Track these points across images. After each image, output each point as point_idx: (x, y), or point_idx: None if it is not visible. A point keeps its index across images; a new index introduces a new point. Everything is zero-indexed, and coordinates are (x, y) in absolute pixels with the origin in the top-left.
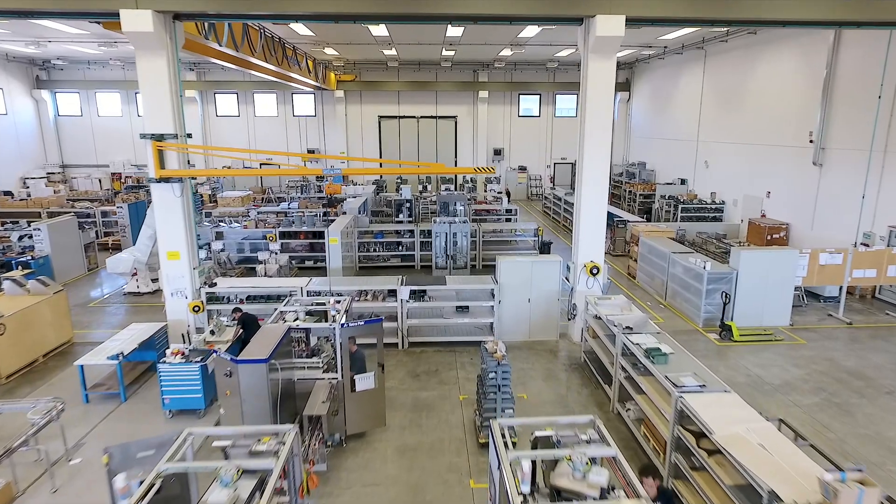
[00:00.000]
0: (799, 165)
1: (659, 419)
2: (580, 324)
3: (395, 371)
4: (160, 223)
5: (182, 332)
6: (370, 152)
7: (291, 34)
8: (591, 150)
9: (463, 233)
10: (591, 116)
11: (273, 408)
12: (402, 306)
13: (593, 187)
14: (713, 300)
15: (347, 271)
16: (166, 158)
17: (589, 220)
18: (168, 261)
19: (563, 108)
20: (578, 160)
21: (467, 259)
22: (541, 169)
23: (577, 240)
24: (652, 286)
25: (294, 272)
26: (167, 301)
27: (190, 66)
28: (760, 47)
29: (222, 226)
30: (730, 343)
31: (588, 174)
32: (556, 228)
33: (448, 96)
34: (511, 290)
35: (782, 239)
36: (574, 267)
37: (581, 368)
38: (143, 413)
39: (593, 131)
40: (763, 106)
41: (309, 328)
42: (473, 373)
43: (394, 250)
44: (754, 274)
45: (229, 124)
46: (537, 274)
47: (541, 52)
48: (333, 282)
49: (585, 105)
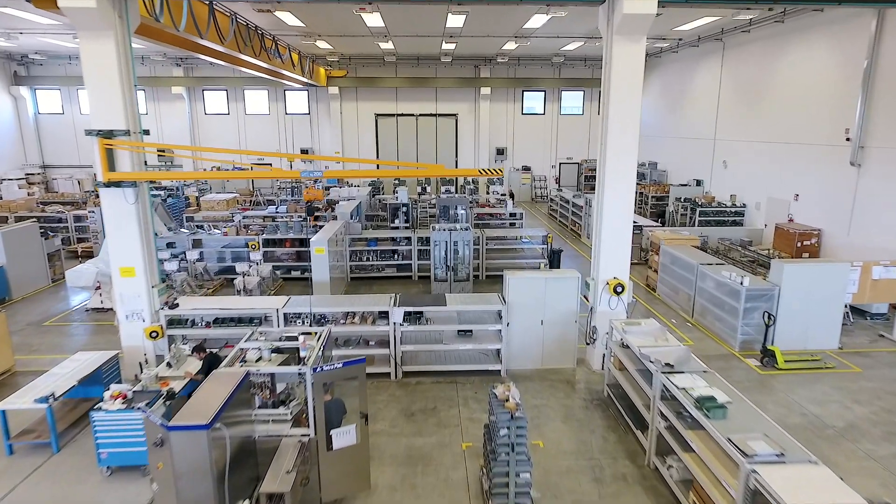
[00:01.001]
0: (833, 166)
1: (717, 489)
2: (601, 349)
3: (385, 410)
4: (111, 235)
5: (140, 361)
6: (366, 152)
7: (280, 25)
8: (616, 149)
9: (465, 241)
10: (616, 111)
11: (218, 485)
12: (395, 330)
13: (618, 193)
14: (751, 320)
15: (337, 283)
16: (117, 159)
17: (612, 230)
18: (121, 278)
19: (568, 106)
20: (600, 162)
21: (470, 270)
22: (545, 169)
23: (597, 252)
24: (676, 301)
25: (279, 285)
26: (121, 325)
27: (176, 61)
28: (787, 37)
29: (200, 232)
30: (774, 371)
31: (612, 178)
32: (564, 233)
33: (448, 93)
34: (521, 310)
35: (814, 246)
36: (594, 284)
37: (604, 405)
38: (78, 469)
39: (618, 128)
40: (790, 101)
41: (273, 373)
42: (478, 411)
43: (389, 259)
44: (799, 290)
45: (219, 122)
46: (552, 292)
47: (546, 45)
48: (316, 301)
49: (609, 98)
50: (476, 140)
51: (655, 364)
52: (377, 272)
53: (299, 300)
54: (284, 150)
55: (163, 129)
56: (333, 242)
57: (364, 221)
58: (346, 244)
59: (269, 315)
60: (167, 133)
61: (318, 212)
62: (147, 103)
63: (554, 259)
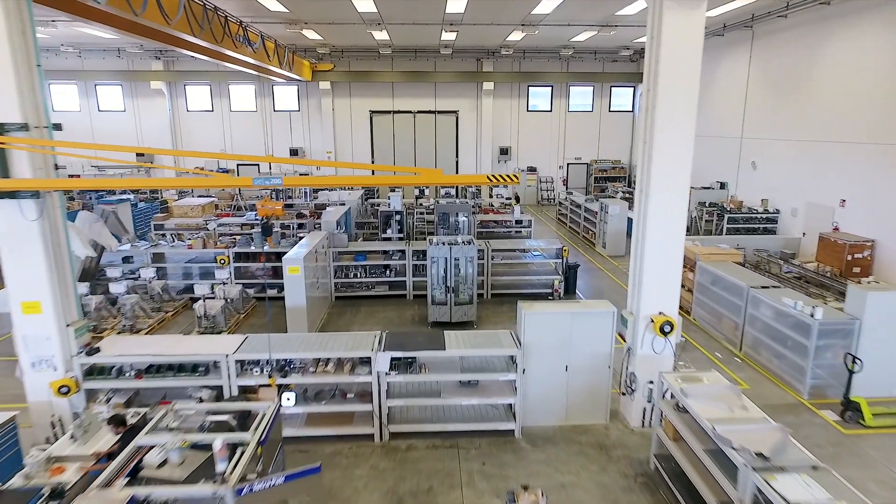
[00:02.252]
0: (887, 167)
1: None
2: (641, 401)
3: (364, 493)
4: (6, 260)
5: (52, 420)
6: (360, 151)
7: (262, 11)
8: (665, 148)
9: (467, 258)
10: (667, 100)
11: None
12: (380, 380)
13: (667, 206)
14: (822, 360)
15: (318, 305)
16: (11, 162)
17: (659, 253)
18: (23, 316)
19: (577, 103)
20: (642, 164)
21: (473, 291)
22: (552, 170)
23: (637, 280)
24: (718, 329)
25: (251, 307)
26: (26, 375)
27: (155, 53)
28: (832, 23)
29: (162, 244)
30: (860, 430)
31: (659, 185)
32: (575, 241)
33: (448, 88)
34: (541, 353)
35: (866, 260)
36: (633, 321)
37: (652, 485)
38: None
39: (669, 122)
40: (834, 95)
41: (175, 498)
42: (487, 493)
43: (380, 275)
44: (885, 324)
45: (202, 120)
46: (580, 330)
47: (555, 35)
48: (278, 343)
49: (656, 83)
50: (478, 139)
51: (742, 454)
52: (366, 290)
53: (257, 341)
54: (272, 151)
55: (142, 127)
56: (313, 258)
57: (354, 230)
58: (331, 258)
59: (217, 361)
60: (146, 131)
61: (280, 230)
62: (125, 99)
63: (570, 276)
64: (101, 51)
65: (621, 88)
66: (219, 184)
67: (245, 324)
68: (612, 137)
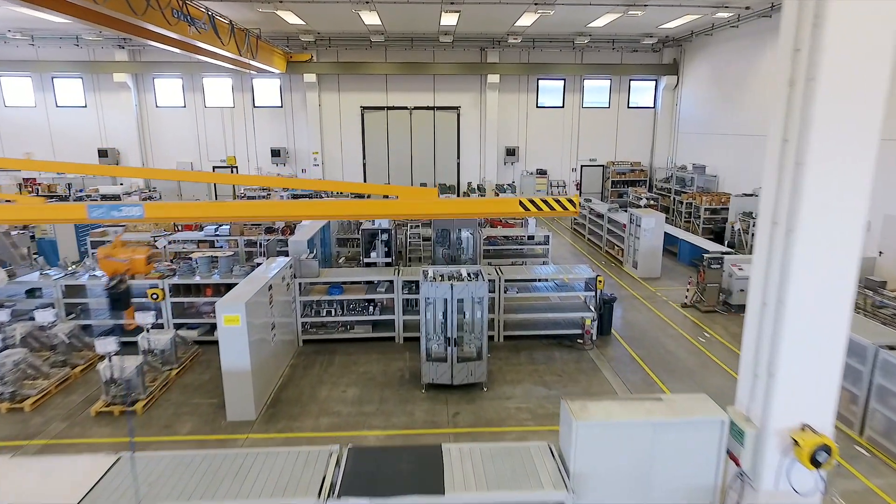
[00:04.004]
0: None
1: None
2: None
3: None
4: None
5: None
6: (350, 152)
7: None
8: (831, 158)
9: (475, 297)
10: (839, 69)
11: None
12: None
13: (830, 255)
14: None
15: (274, 360)
16: None
17: (810, 329)
18: None
19: (592, 99)
20: (776, 182)
21: (483, 341)
22: (564, 173)
23: (766, 371)
24: None
25: (192, 355)
26: None
27: (119, 42)
28: None
29: (80, 274)
30: None
31: (818, 222)
32: (597, 257)
33: (449, 82)
34: (603, 485)
35: None
36: (757, 436)
37: None
38: None
39: (841, 113)
40: None
41: None
42: None
43: (362, 312)
44: None
45: (173, 117)
46: (666, 447)
47: (571, 19)
48: (168, 480)
49: (817, 62)
50: (482, 138)
51: None
52: (343, 331)
53: (123, 477)
54: (255, 151)
55: (105, 125)
56: (266, 297)
57: (335, 248)
58: (296, 292)
59: None
60: (110, 129)
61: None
62: (85, 93)
63: (605, 312)
64: (58, 38)
65: (641, 82)
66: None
67: (177, 384)
68: (631, 137)
